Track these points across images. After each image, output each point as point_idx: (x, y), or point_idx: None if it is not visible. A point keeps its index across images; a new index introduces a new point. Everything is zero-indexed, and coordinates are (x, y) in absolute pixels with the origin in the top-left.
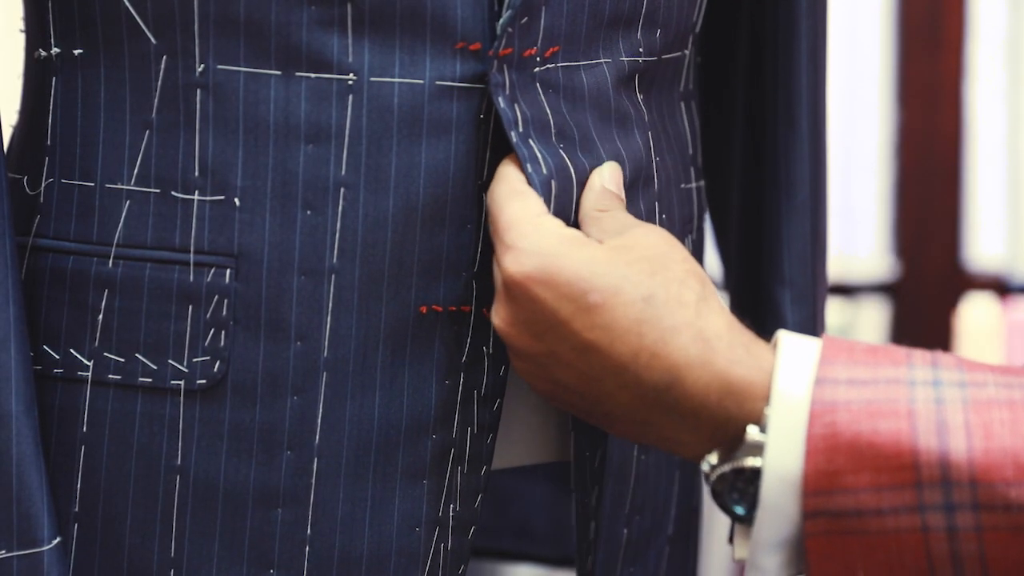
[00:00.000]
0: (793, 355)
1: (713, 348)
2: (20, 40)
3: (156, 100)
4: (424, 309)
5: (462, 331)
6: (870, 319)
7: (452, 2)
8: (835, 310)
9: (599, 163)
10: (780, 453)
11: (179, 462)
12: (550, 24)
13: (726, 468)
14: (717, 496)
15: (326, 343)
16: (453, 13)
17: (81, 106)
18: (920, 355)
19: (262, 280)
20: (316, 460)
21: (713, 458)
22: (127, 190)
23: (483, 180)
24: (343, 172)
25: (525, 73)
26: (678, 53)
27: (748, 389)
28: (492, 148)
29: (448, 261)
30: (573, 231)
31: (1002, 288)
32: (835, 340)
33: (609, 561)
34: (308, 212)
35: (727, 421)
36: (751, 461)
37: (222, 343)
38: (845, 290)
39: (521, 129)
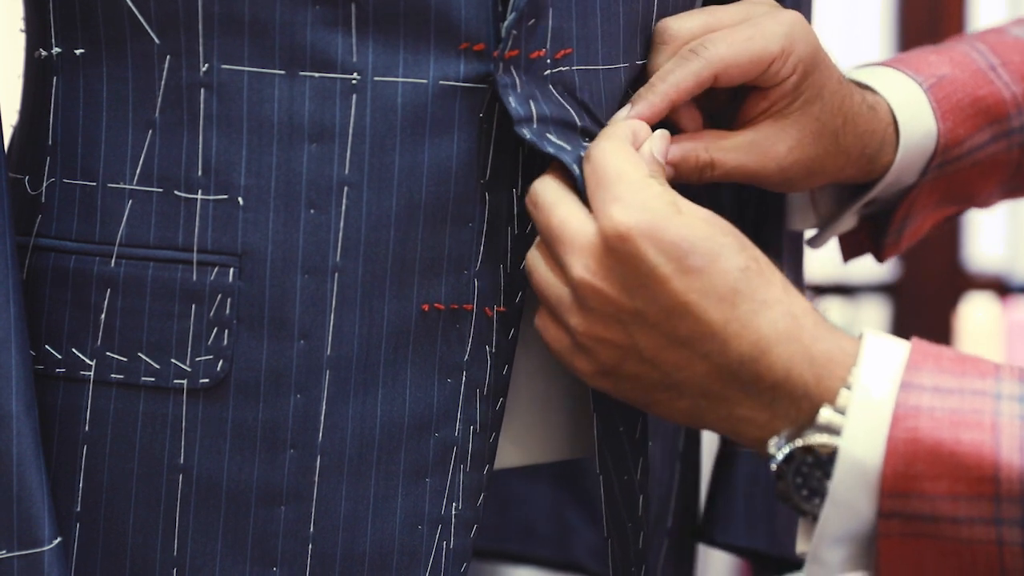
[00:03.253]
0: (879, 353)
1: (801, 325)
2: (20, 40)
3: (159, 99)
4: (426, 307)
5: (464, 329)
6: (870, 319)
7: (456, 3)
8: (835, 310)
9: None
10: (857, 445)
11: (182, 461)
12: (558, 26)
13: (796, 445)
14: (780, 478)
15: (329, 341)
16: (457, 14)
17: (83, 105)
18: (1009, 369)
19: (265, 279)
20: (319, 458)
21: (780, 439)
22: (130, 189)
23: (485, 179)
24: (347, 171)
25: (535, 75)
26: None
27: (828, 366)
28: (495, 147)
29: (450, 259)
30: (671, 197)
31: (1002, 288)
32: (923, 345)
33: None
34: (312, 211)
35: (803, 397)
36: (820, 440)
37: (225, 342)
38: (845, 290)
39: (536, 126)
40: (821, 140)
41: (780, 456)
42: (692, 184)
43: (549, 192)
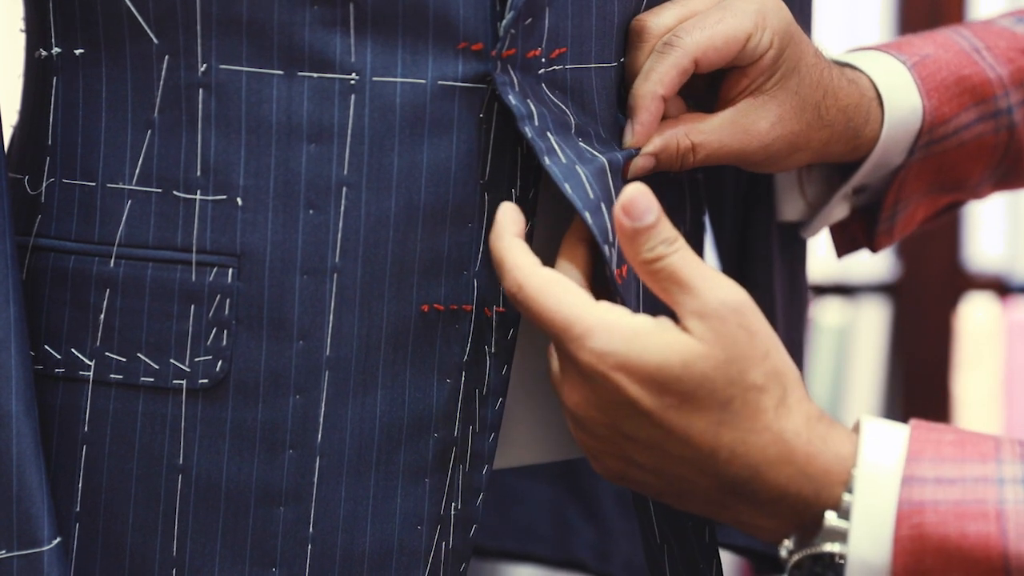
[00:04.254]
0: (877, 448)
1: (792, 448)
2: (20, 40)
3: (158, 100)
4: (426, 308)
5: (463, 330)
6: (870, 319)
7: (454, 2)
8: (835, 310)
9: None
10: (864, 549)
11: (181, 461)
12: (554, 25)
13: (805, 553)
14: None
15: (328, 342)
16: (455, 13)
17: (82, 106)
18: (1009, 447)
19: (264, 279)
20: (318, 459)
21: (790, 544)
22: (129, 190)
23: (485, 179)
24: (345, 171)
25: (530, 74)
26: None
27: (826, 477)
28: (494, 148)
29: (449, 260)
30: (642, 319)
31: (1002, 288)
32: (923, 431)
33: None
34: (310, 211)
35: (805, 508)
36: (830, 547)
37: (224, 342)
38: (845, 290)
39: (537, 123)
40: (803, 114)
41: (792, 562)
42: (674, 172)
43: (530, 309)
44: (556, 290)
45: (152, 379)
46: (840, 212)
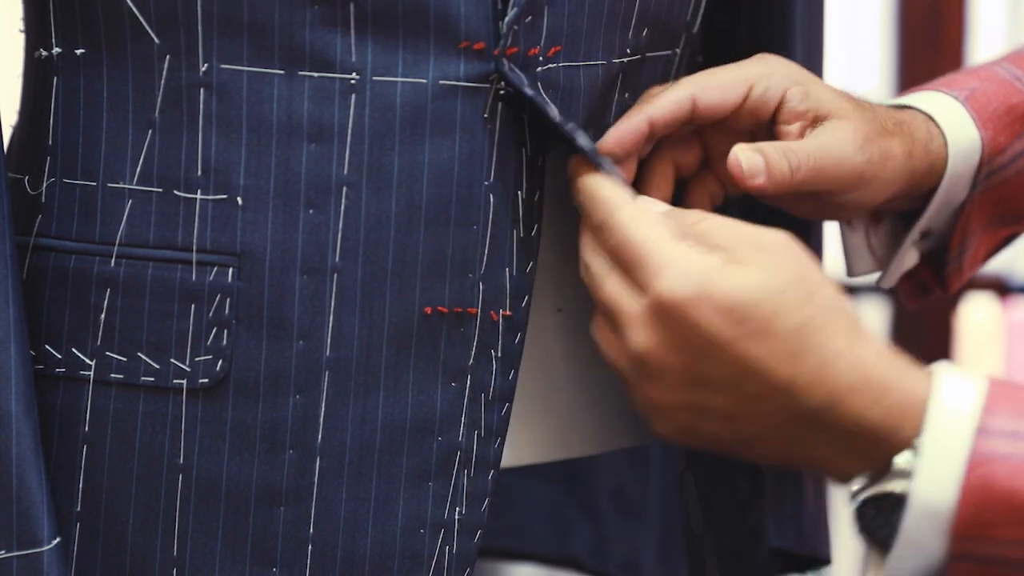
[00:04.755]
0: (953, 396)
1: (869, 374)
2: (20, 40)
3: (159, 99)
4: (428, 310)
5: (468, 333)
6: (870, 319)
7: (455, 2)
8: None
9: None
10: (930, 489)
11: (181, 461)
12: (553, 24)
13: (871, 492)
14: (860, 519)
15: (328, 342)
16: (456, 12)
17: (83, 105)
18: None
19: (264, 279)
20: (318, 459)
21: (860, 481)
22: (129, 189)
23: (490, 181)
24: (346, 171)
25: (529, 72)
26: (667, 52)
27: (901, 415)
28: (498, 149)
29: (454, 262)
30: (716, 252)
31: (1002, 288)
32: (1000, 386)
33: None
34: (311, 211)
35: (878, 445)
36: (896, 486)
37: (224, 342)
38: (846, 290)
39: (560, 116)
40: (870, 145)
41: (858, 500)
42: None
43: (596, 264)
44: (642, 222)
45: (152, 379)
46: (911, 260)
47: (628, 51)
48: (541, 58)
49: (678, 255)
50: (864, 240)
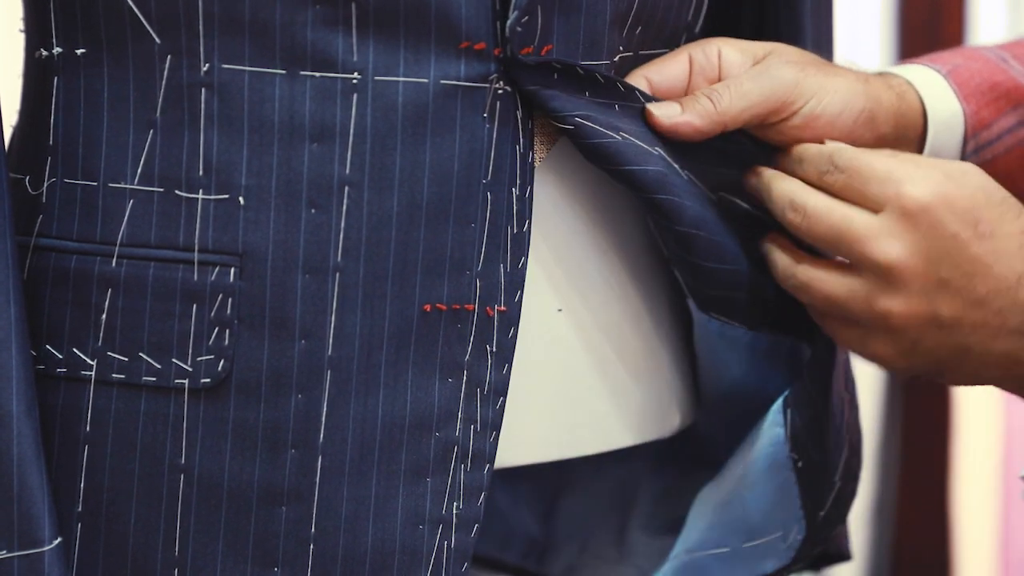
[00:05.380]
0: None
1: None
2: (20, 40)
3: (160, 99)
4: (428, 307)
5: (465, 330)
6: None
7: (456, 2)
8: None
9: None
10: None
11: (183, 461)
12: (545, 23)
13: None
14: None
15: (330, 342)
16: (457, 12)
17: (84, 105)
18: None
19: (266, 279)
20: (320, 459)
21: None
22: (131, 189)
23: (488, 179)
24: (347, 171)
25: (528, 71)
26: (663, 51)
27: None
28: (496, 147)
29: (452, 260)
30: (935, 162)
31: None
32: None
33: None
34: (312, 211)
35: None
36: None
37: (226, 342)
38: None
39: (566, 110)
40: (806, 65)
41: None
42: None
43: (813, 198)
44: (866, 153)
45: (154, 379)
46: None
47: (621, 48)
48: (538, 56)
49: (914, 165)
50: None
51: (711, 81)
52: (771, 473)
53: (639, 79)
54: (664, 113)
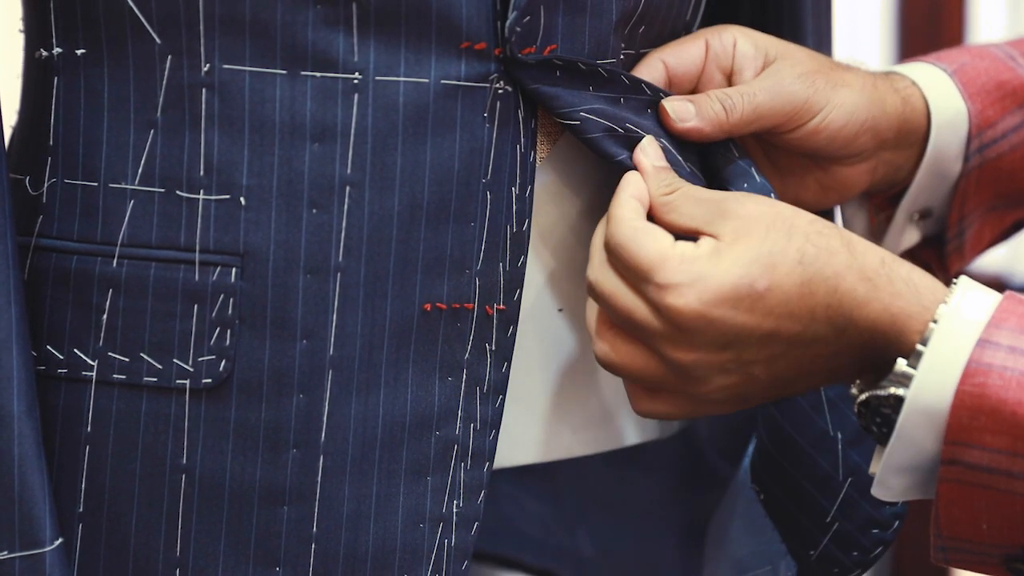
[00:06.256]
0: (964, 304)
1: (876, 285)
2: (20, 40)
3: (161, 99)
4: (428, 306)
5: (465, 328)
6: None
7: (457, 2)
8: None
9: None
10: (927, 392)
11: (184, 461)
12: (548, 22)
13: (873, 393)
14: (860, 416)
15: (332, 341)
16: (458, 12)
17: (84, 106)
18: None
19: (268, 279)
20: (322, 458)
21: (862, 383)
22: (131, 189)
23: (487, 178)
24: (348, 171)
25: (529, 71)
26: None
27: (906, 323)
28: (496, 147)
29: (452, 259)
30: (705, 245)
31: (1002, 288)
32: (1012, 303)
33: None
34: (314, 211)
35: (883, 350)
36: (895, 390)
37: (227, 342)
38: None
39: (572, 102)
40: (814, 76)
41: (860, 399)
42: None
43: (605, 281)
44: (644, 239)
45: (155, 379)
46: (909, 239)
47: (624, 47)
48: (539, 56)
49: (678, 263)
50: (868, 233)
51: (724, 70)
52: (747, 504)
53: (655, 61)
54: (678, 116)
